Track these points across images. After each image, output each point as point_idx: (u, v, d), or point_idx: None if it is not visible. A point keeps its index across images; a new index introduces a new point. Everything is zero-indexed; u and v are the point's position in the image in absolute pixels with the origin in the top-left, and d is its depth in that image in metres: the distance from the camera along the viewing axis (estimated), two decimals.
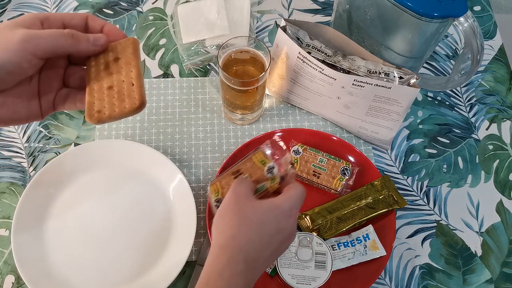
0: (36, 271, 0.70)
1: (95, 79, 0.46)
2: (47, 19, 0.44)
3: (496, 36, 0.97)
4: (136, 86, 0.45)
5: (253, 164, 0.60)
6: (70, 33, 0.43)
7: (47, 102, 0.48)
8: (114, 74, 0.46)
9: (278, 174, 0.58)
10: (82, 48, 0.44)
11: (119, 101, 0.45)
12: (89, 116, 0.44)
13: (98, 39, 0.46)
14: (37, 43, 0.41)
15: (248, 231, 0.49)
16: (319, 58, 0.76)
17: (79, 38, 0.44)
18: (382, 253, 0.72)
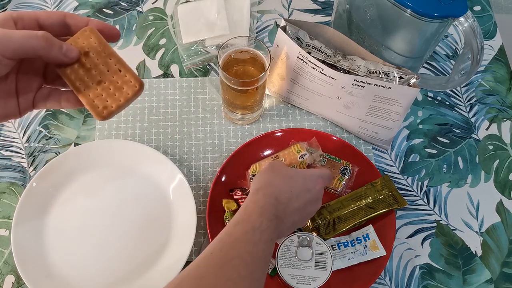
0: (36, 271, 0.70)
1: (79, 81, 0.45)
2: (21, 19, 0.43)
3: (496, 36, 0.97)
4: (125, 71, 0.45)
5: (290, 152, 0.78)
6: (43, 36, 0.41)
7: (26, 100, 0.46)
8: (94, 69, 0.45)
9: (307, 160, 0.76)
10: (53, 54, 0.42)
11: (118, 90, 0.45)
12: (98, 115, 0.44)
13: (71, 51, 0.44)
14: (6, 44, 0.39)
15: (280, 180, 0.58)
16: (319, 58, 0.76)
17: (52, 43, 0.42)
18: (382, 253, 0.72)
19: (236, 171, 0.78)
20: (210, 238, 0.72)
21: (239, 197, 0.76)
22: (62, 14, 0.45)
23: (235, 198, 0.76)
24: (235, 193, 0.76)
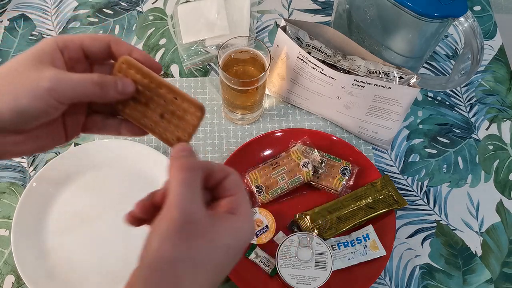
0: (36, 271, 0.70)
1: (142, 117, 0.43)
2: (67, 48, 0.41)
3: (496, 36, 0.97)
4: (182, 99, 0.42)
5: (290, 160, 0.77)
6: (99, 82, 0.40)
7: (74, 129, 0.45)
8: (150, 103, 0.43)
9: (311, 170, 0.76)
10: (108, 97, 0.41)
11: (182, 120, 0.42)
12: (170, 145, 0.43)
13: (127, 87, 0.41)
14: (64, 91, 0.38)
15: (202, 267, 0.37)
16: (319, 58, 0.76)
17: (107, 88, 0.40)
18: (382, 253, 0.72)
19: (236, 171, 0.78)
20: None
21: None
22: (107, 40, 0.42)
23: None
24: None
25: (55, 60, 0.40)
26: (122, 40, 0.43)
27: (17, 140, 0.40)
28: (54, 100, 0.38)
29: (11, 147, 0.40)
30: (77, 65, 0.42)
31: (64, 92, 0.38)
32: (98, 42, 0.42)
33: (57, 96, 0.38)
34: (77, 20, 0.96)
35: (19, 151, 0.41)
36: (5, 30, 0.95)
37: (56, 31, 0.95)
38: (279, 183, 0.76)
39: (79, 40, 0.41)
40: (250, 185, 0.77)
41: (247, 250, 0.72)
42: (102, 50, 0.42)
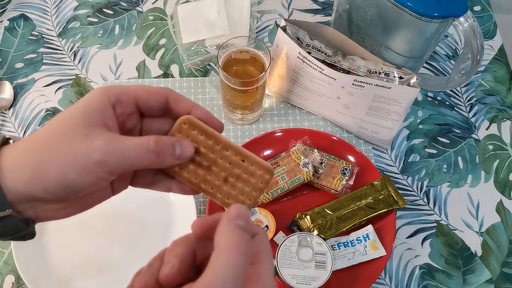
0: (36, 271, 0.70)
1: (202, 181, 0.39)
2: (120, 103, 0.37)
3: (496, 36, 0.97)
4: (250, 161, 0.39)
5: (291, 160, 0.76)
6: (156, 150, 0.35)
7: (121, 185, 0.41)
8: (214, 166, 0.39)
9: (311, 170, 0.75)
10: (165, 165, 0.37)
11: (248, 184, 0.39)
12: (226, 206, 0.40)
13: (185, 151, 0.37)
14: (116, 163, 0.34)
15: None
16: (319, 58, 0.76)
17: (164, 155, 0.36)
18: (382, 253, 0.72)
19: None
20: None
21: None
22: (165, 95, 0.38)
23: None
24: None
25: (106, 120, 0.36)
26: (182, 96, 0.38)
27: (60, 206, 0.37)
28: (104, 172, 0.34)
29: (53, 212, 0.37)
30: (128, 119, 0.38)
31: (116, 164, 0.35)
32: (155, 97, 0.38)
33: (108, 169, 0.34)
34: (77, 20, 0.96)
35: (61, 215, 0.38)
36: (5, 30, 0.95)
37: (56, 31, 0.95)
38: (279, 183, 0.76)
39: (134, 93, 0.37)
40: None
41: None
42: (159, 106, 0.38)
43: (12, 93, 0.87)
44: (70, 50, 0.93)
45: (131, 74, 0.90)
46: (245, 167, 0.39)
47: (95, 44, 0.94)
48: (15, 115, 0.86)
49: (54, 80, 0.90)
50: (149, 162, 0.36)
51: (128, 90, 0.37)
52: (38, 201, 0.36)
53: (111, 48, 0.93)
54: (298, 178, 0.76)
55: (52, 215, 0.37)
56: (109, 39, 0.94)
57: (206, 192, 0.40)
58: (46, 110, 0.87)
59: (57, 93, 0.88)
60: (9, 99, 0.86)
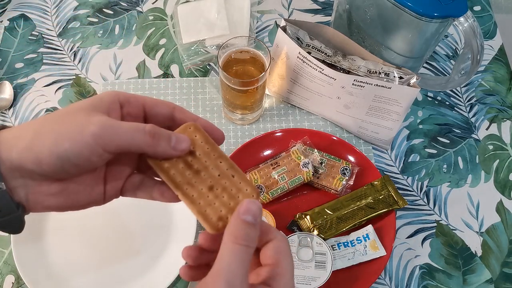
0: (36, 271, 0.70)
1: (186, 183, 0.39)
2: (128, 102, 0.38)
3: (496, 36, 0.97)
4: (240, 178, 0.39)
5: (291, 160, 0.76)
6: (151, 131, 0.36)
7: (114, 188, 0.41)
8: (203, 172, 0.39)
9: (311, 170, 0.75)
10: (160, 150, 0.37)
11: (233, 199, 0.38)
12: (214, 228, 0.38)
13: (180, 143, 0.38)
14: (111, 138, 0.35)
15: None
16: (319, 58, 0.76)
17: (159, 138, 0.37)
18: (382, 253, 0.72)
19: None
20: None
21: None
22: (171, 106, 0.40)
23: None
24: None
25: (110, 111, 0.37)
26: (187, 110, 0.40)
27: (51, 191, 0.37)
28: (98, 146, 0.35)
29: (44, 197, 0.37)
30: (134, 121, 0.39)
31: (110, 138, 0.35)
32: (162, 105, 0.39)
33: (102, 143, 0.35)
34: (77, 20, 0.96)
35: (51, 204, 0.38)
36: (5, 30, 0.95)
37: (56, 31, 0.95)
38: (279, 183, 0.76)
39: (143, 99, 0.39)
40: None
41: None
42: (166, 113, 0.40)
43: (12, 93, 0.87)
44: (70, 50, 0.93)
45: (131, 74, 0.90)
46: (234, 182, 0.39)
47: (95, 44, 0.94)
48: (15, 115, 0.86)
49: (54, 80, 0.90)
50: (144, 142, 0.36)
51: (138, 95, 0.39)
52: (29, 179, 0.36)
53: (111, 48, 0.93)
54: (298, 178, 0.76)
55: (43, 200, 0.37)
56: (109, 39, 0.94)
57: (186, 197, 0.39)
58: (46, 110, 0.87)
59: (57, 93, 0.88)
60: (9, 99, 0.86)
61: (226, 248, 0.35)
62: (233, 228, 0.36)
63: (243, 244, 0.35)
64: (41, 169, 0.35)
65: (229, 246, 0.35)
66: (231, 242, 0.35)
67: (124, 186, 0.41)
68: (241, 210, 0.36)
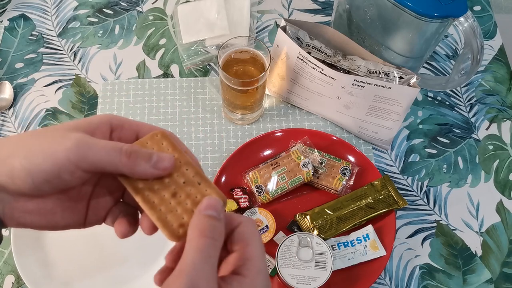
0: (36, 271, 0.70)
1: (147, 189, 0.37)
2: (121, 127, 0.37)
3: (496, 36, 0.97)
4: (206, 185, 0.37)
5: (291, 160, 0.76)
6: (127, 150, 0.35)
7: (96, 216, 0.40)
8: (167, 178, 0.37)
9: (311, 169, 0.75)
10: (138, 170, 0.35)
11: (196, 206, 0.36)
12: (174, 236, 0.36)
13: (161, 161, 0.36)
14: (84, 155, 0.33)
15: None
16: (319, 58, 0.76)
17: (137, 158, 0.35)
18: (382, 253, 0.72)
19: (236, 171, 0.79)
20: None
21: (239, 197, 0.76)
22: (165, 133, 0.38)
23: (235, 198, 0.76)
24: (235, 193, 0.76)
25: (96, 132, 0.36)
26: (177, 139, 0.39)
27: (28, 208, 0.36)
28: (71, 164, 0.33)
29: (19, 213, 0.36)
30: None
31: (84, 155, 0.33)
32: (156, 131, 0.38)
33: (75, 159, 0.33)
34: (77, 20, 0.96)
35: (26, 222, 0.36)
36: (5, 30, 0.95)
37: (56, 31, 0.95)
38: (279, 183, 0.76)
39: (137, 125, 0.38)
40: (250, 185, 0.77)
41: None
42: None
43: (12, 93, 0.87)
44: (70, 50, 0.93)
45: (131, 74, 0.90)
46: (199, 189, 0.37)
47: (95, 44, 0.94)
48: (15, 115, 0.86)
49: (54, 80, 0.90)
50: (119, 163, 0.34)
51: (132, 121, 0.38)
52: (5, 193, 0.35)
53: (111, 48, 0.93)
54: (298, 178, 0.76)
55: (18, 216, 0.36)
56: (109, 39, 0.94)
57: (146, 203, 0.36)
58: (46, 110, 0.87)
59: (57, 93, 0.88)
60: (9, 99, 0.87)
61: (190, 244, 0.33)
62: (196, 222, 0.34)
63: (208, 236, 0.33)
64: (14, 183, 0.34)
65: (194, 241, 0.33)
66: (196, 236, 0.33)
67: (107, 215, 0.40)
68: (201, 207, 0.35)
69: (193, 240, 0.33)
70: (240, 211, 0.75)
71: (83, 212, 0.39)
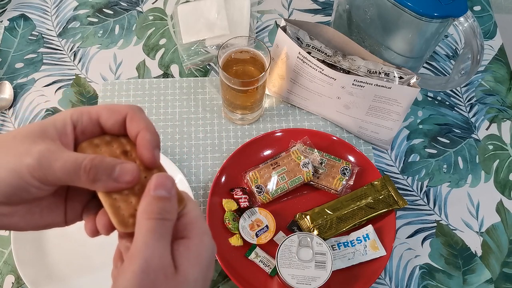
0: (36, 271, 0.70)
1: None
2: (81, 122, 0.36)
3: (496, 36, 0.97)
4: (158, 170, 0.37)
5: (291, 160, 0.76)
6: (87, 166, 0.34)
7: (74, 213, 0.40)
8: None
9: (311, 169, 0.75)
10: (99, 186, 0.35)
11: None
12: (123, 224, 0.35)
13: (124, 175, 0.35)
14: (46, 174, 0.33)
15: None
16: (319, 58, 0.76)
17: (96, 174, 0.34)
18: (382, 253, 0.72)
19: (236, 171, 0.79)
20: None
21: (239, 197, 0.76)
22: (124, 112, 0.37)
23: (235, 198, 0.76)
24: (235, 193, 0.76)
25: (61, 135, 0.36)
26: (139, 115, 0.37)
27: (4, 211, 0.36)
28: (34, 179, 0.33)
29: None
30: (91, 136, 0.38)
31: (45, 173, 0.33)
32: (115, 115, 0.37)
33: (38, 176, 0.33)
34: (77, 20, 0.96)
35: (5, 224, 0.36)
36: (5, 30, 0.95)
37: (56, 31, 0.95)
38: (279, 183, 0.76)
39: (96, 112, 0.37)
40: (250, 185, 0.77)
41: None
42: (118, 125, 0.37)
43: (12, 93, 0.87)
44: (70, 50, 0.93)
45: (131, 74, 0.91)
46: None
47: (95, 44, 0.94)
48: (15, 115, 0.86)
49: (54, 80, 0.90)
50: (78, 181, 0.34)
51: (92, 109, 0.37)
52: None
53: (111, 48, 0.93)
54: (298, 178, 0.76)
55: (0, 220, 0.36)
56: (109, 39, 0.94)
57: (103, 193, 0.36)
58: (46, 110, 0.87)
59: (57, 93, 0.88)
60: (9, 99, 0.87)
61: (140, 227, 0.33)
62: (144, 206, 0.34)
63: (158, 218, 0.33)
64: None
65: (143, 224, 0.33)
66: (144, 219, 0.33)
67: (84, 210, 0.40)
68: (151, 186, 0.34)
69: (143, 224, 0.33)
70: (240, 211, 0.75)
71: (61, 211, 0.39)
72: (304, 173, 0.76)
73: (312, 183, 0.78)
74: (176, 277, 0.33)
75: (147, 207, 0.34)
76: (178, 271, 0.34)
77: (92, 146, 0.37)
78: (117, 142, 0.37)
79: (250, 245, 0.73)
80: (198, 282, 0.34)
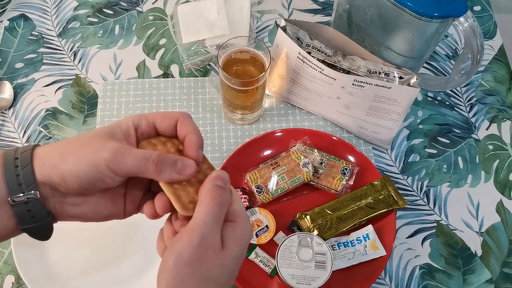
0: (36, 271, 0.70)
1: None
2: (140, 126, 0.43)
3: (496, 36, 0.97)
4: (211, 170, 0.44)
5: (291, 160, 0.77)
6: (154, 159, 0.41)
7: (133, 204, 0.46)
8: None
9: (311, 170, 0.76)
10: (164, 177, 0.41)
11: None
12: (185, 209, 0.41)
13: (185, 169, 0.42)
14: (119, 165, 0.40)
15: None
16: (319, 58, 0.76)
17: (162, 166, 0.41)
18: (382, 253, 0.72)
19: (236, 171, 0.79)
20: None
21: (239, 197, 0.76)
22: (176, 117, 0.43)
23: None
24: None
25: (127, 136, 0.42)
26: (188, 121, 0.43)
27: (76, 202, 0.43)
28: (109, 171, 0.40)
29: (69, 206, 0.43)
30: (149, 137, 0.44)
31: (119, 165, 0.40)
32: (168, 120, 0.43)
33: (113, 168, 0.40)
34: (77, 20, 0.96)
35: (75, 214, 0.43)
36: (5, 30, 0.95)
37: (56, 31, 0.95)
38: (279, 183, 0.76)
39: (153, 118, 0.44)
40: (250, 185, 0.77)
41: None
42: (171, 128, 0.44)
43: (12, 93, 0.87)
44: (70, 50, 0.93)
45: (131, 74, 0.91)
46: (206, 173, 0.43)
47: (95, 44, 0.94)
48: (15, 115, 0.86)
49: (54, 80, 0.90)
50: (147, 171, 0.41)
51: (149, 115, 0.44)
52: (57, 191, 0.41)
53: (111, 48, 0.93)
54: (298, 178, 0.76)
55: (67, 210, 0.43)
56: (109, 39, 0.94)
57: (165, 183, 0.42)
58: (46, 110, 0.87)
59: (57, 93, 0.88)
60: (9, 99, 0.87)
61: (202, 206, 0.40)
62: (207, 189, 0.41)
63: (217, 202, 0.40)
64: (65, 184, 0.40)
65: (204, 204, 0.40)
66: (207, 200, 0.40)
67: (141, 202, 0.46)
68: (211, 177, 0.42)
69: (205, 203, 0.40)
70: None
71: (122, 204, 0.45)
72: (304, 173, 0.76)
73: (312, 183, 0.78)
74: (223, 252, 0.41)
75: (209, 190, 0.41)
76: (224, 248, 0.41)
77: (151, 145, 0.43)
78: (170, 142, 0.44)
79: (250, 245, 0.73)
80: (238, 258, 0.42)
